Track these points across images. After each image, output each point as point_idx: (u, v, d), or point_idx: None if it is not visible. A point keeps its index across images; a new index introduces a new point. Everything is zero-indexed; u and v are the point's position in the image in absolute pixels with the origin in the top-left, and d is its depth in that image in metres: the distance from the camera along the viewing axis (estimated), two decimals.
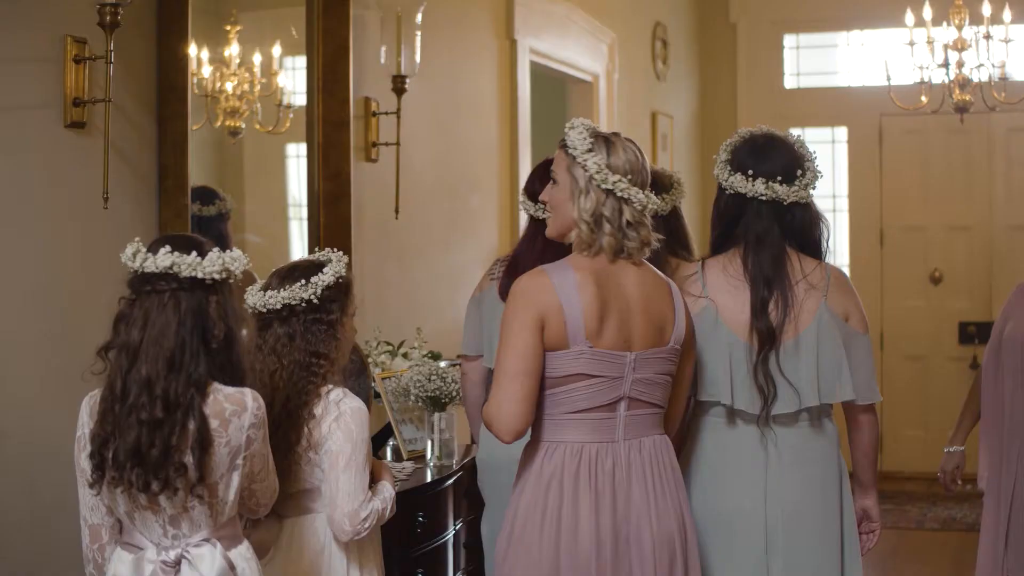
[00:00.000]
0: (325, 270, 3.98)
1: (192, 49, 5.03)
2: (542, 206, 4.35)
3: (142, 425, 3.28)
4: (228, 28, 5.41)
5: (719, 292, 4.28)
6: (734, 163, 4.35)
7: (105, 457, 3.30)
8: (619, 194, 3.89)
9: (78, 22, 4.39)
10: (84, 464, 3.38)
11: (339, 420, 3.90)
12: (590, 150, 3.88)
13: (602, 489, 3.86)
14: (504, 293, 4.83)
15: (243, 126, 5.46)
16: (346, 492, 3.86)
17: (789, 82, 12.18)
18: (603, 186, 3.87)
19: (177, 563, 3.39)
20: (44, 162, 4.36)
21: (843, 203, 11.94)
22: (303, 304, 3.95)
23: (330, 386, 3.96)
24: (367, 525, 3.88)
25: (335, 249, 4.11)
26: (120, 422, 3.29)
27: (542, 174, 4.50)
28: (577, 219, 3.90)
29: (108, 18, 4.27)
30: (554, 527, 3.82)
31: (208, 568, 3.40)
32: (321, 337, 3.96)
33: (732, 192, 4.32)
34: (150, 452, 3.27)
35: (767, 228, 4.31)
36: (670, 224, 5.19)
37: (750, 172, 4.29)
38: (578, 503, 3.83)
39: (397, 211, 6.28)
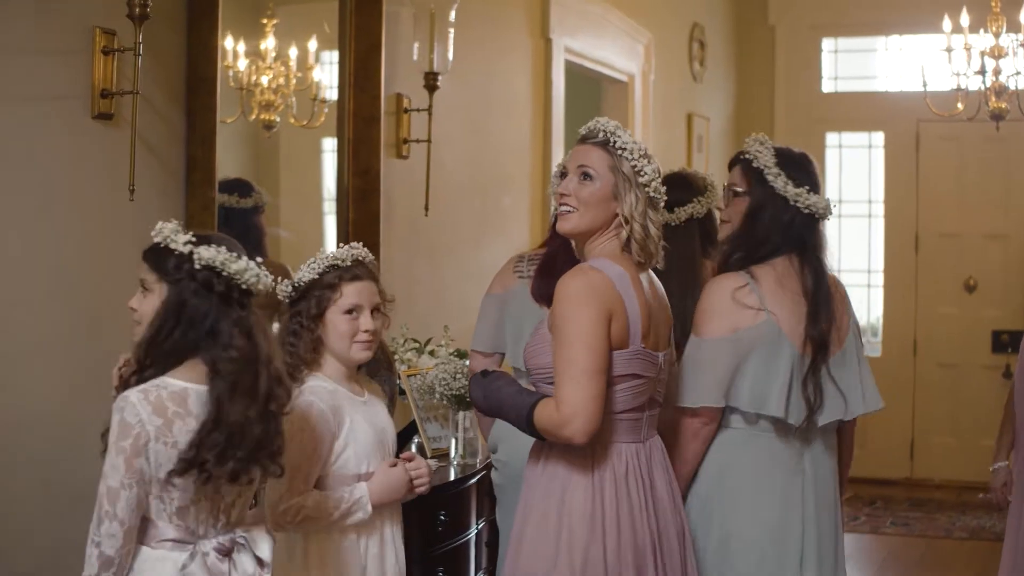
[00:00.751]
0: (300, 267, 4.03)
1: (228, 42, 5.06)
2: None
3: (260, 418, 3.38)
4: (264, 21, 5.41)
5: (778, 305, 4.24)
6: (796, 182, 4.31)
7: (201, 452, 3.31)
8: (661, 204, 3.94)
9: (107, 13, 4.39)
10: (144, 465, 3.30)
11: None
12: (644, 156, 3.89)
13: (646, 487, 3.91)
14: (538, 293, 4.80)
15: (278, 120, 5.46)
16: (269, 483, 3.87)
17: (827, 86, 12.14)
18: (653, 194, 3.89)
19: (230, 550, 3.41)
20: (71, 153, 4.36)
21: (879, 208, 11.90)
22: (285, 301, 4.05)
23: (300, 383, 3.98)
24: (287, 520, 3.87)
25: (353, 244, 4.11)
26: (239, 415, 3.34)
27: None
28: (628, 218, 3.88)
29: (137, 10, 4.27)
30: (615, 528, 3.83)
31: (265, 549, 3.47)
32: (288, 332, 4.01)
33: (809, 212, 4.30)
34: (258, 442, 3.37)
35: (821, 243, 4.36)
36: (704, 227, 5.17)
37: (828, 196, 4.34)
38: (631, 502, 3.87)
39: (427, 209, 6.27)
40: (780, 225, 4.32)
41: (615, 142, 3.90)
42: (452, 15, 6.05)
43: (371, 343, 4.05)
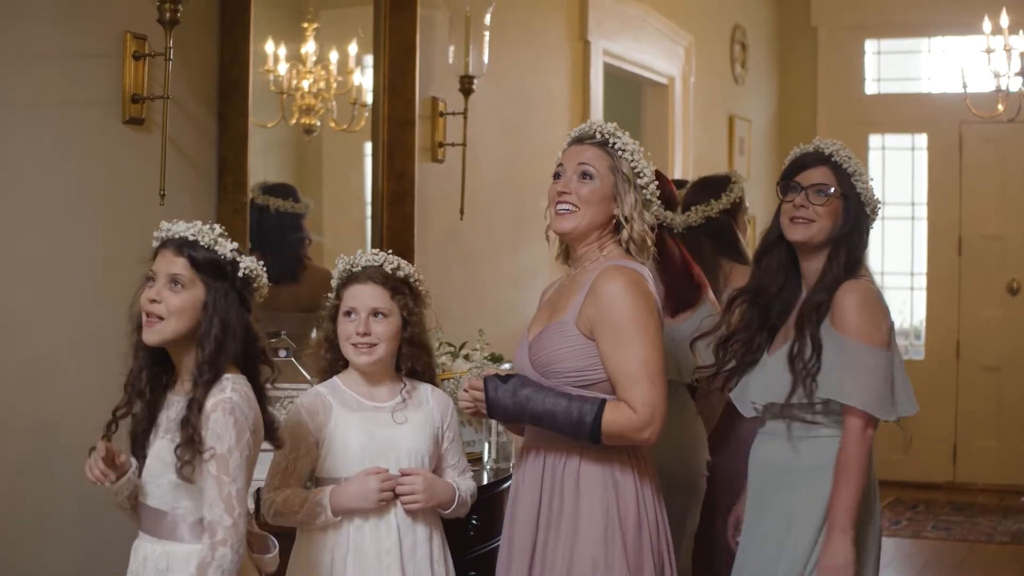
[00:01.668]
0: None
1: (269, 46, 5.10)
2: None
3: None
4: (305, 25, 5.42)
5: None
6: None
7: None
8: (653, 207, 3.95)
9: (138, 18, 4.41)
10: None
11: None
12: (642, 158, 3.88)
13: (656, 485, 3.95)
14: (678, 303, 4.81)
15: (318, 124, 5.47)
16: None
17: (870, 88, 12.08)
18: (649, 196, 3.89)
19: None
20: (102, 158, 4.38)
21: (922, 211, 11.84)
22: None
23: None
24: (262, 512, 3.92)
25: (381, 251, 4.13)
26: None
27: None
28: (628, 217, 3.88)
29: (168, 15, 4.28)
30: (655, 527, 3.87)
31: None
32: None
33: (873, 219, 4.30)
34: None
35: None
36: (711, 230, 5.16)
37: None
38: (658, 500, 3.92)
39: (462, 212, 6.27)
40: (865, 237, 4.26)
41: (614, 143, 3.90)
42: (487, 18, 6.04)
43: (368, 347, 3.99)
